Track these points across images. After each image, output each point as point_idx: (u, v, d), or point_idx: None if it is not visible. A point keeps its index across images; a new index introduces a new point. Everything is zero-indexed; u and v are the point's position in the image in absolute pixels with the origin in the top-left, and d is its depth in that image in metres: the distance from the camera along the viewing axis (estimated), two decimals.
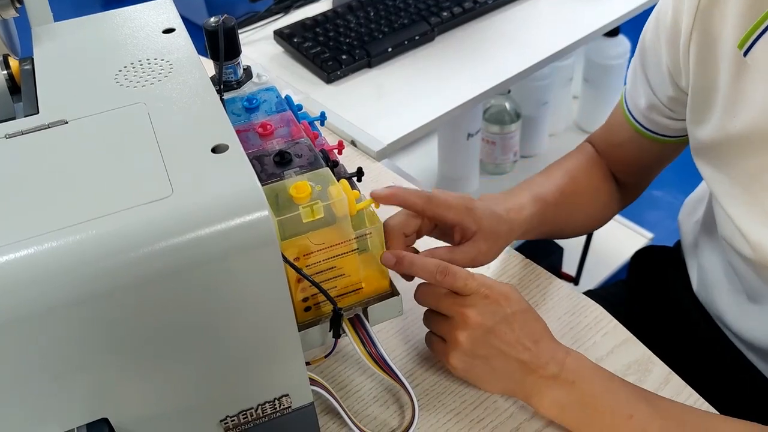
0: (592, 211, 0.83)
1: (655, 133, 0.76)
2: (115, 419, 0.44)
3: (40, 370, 0.40)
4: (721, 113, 0.63)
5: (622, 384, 0.59)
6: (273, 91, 0.65)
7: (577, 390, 0.58)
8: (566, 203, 0.77)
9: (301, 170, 0.58)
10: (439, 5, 1.16)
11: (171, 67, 0.52)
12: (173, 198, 0.40)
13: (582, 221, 0.83)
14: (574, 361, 0.59)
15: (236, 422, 0.49)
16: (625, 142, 0.80)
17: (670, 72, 0.68)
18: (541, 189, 0.75)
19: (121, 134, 0.46)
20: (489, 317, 0.58)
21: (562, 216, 0.77)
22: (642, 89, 0.74)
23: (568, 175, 0.79)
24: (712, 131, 0.64)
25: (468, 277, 0.59)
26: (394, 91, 1.04)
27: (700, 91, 0.65)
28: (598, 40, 1.55)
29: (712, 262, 0.78)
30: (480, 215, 0.66)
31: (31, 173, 0.43)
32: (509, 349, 0.58)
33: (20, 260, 0.37)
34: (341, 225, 0.56)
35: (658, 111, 0.74)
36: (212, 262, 0.40)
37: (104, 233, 0.38)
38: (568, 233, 0.84)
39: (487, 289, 0.59)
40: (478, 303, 0.59)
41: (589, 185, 0.81)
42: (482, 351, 0.59)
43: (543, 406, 0.59)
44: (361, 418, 0.62)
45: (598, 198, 0.83)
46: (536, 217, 0.72)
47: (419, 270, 0.60)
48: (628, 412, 0.57)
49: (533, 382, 0.59)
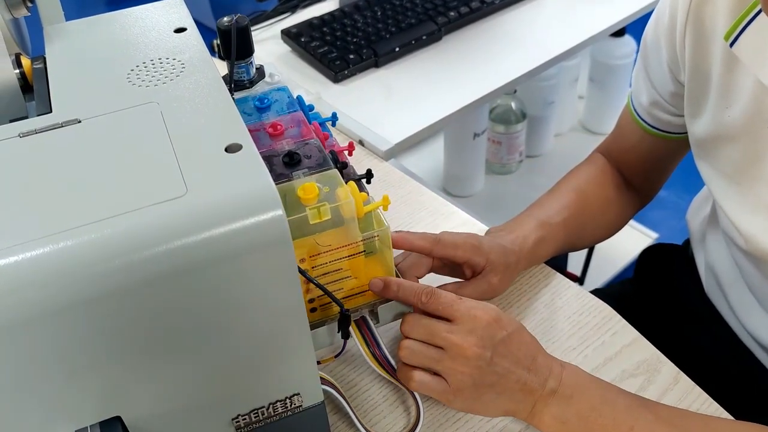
0: (604, 222, 0.83)
1: (661, 130, 0.78)
2: (128, 417, 0.44)
3: (54, 368, 0.40)
4: (714, 106, 0.64)
5: (620, 393, 0.59)
6: (285, 91, 0.65)
7: (576, 403, 0.58)
8: (575, 221, 0.77)
9: (309, 171, 0.58)
10: (446, 5, 1.16)
11: (183, 67, 0.52)
12: (188, 197, 0.40)
13: (594, 234, 0.84)
14: (570, 374, 0.59)
15: (247, 421, 0.49)
16: (636, 144, 0.81)
17: (670, 68, 0.70)
18: (546, 212, 0.76)
19: (134, 133, 0.46)
20: (487, 345, 0.57)
21: (571, 234, 0.77)
22: (644, 86, 0.76)
23: (577, 190, 0.80)
24: (707, 124, 0.66)
25: (455, 301, 0.58)
26: (401, 90, 1.04)
27: (696, 85, 0.66)
28: (604, 41, 1.55)
29: (719, 259, 0.78)
30: (487, 250, 0.67)
31: (45, 172, 0.43)
32: (510, 373, 0.57)
33: (35, 259, 0.37)
34: (348, 227, 0.56)
35: (660, 107, 0.75)
36: (227, 261, 0.40)
37: (119, 232, 0.38)
38: (581, 246, 0.84)
39: (477, 310, 0.58)
40: (473, 330, 0.57)
41: (599, 197, 0.81)
42: (487, 379, 0.57)
43: (544, 423, 0.58)
44: (369, 418, 0.62)
45: (610, 209, 0.83)
46: (543, 244, 0.73)
47: (405, 292, 0.59)
48: (630, 423, 0.56)
49: (534, 401, 0.58)
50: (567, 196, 0.79)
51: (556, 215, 0.75)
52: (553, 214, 0.75)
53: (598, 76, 1.63)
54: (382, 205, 0.58)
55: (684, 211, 0.91)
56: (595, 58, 1.61)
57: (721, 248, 0.78)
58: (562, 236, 0.75)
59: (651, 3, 1.24)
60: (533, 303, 0.72)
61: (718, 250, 0.78)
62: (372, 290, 0.60)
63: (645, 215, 1.94)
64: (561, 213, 0.76)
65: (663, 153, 0.81)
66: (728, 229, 0.68)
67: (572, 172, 0.84)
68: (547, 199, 0.79)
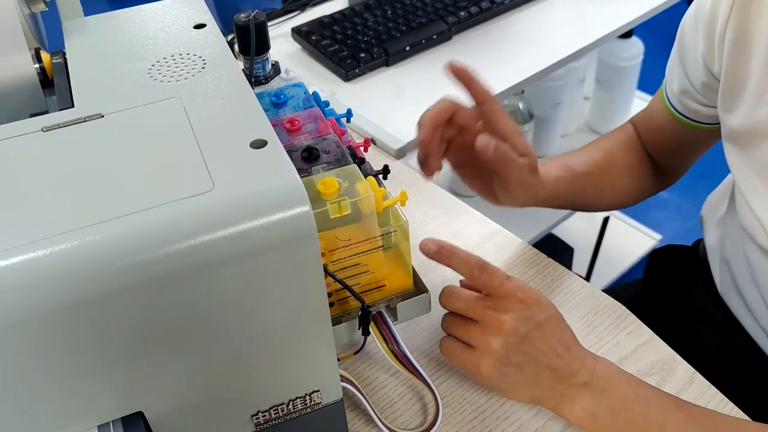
0: (623, 188, 0.85)
1: (688, 118, 0.78)
2: (150, 413, 0.44)
3: (78, 363, 0.40)
4: (751, 101, 0.64)
5: (651, 390, 0.59)
6: (301, 87, 0.65)
7: (609, 397, 0.57)
8: (596, 176, 0.80)
9: (328, 166, 0.58)
10: (456, 5, 1.16)
11: (204, 63, 0.52)
12: (215, 192, 0.40)
13: (612, 196, 0.85)
14: (603, 368, 0.59)
15: (267, 417, 0.49)
16: (662, 127, 0.82)
17: (705, 59, 0.70)
18: (572, 160, 0.78)
19: (158, 128, 0.46)
20: (523, 323, 0.57)
21: (590, 188, 0.80)
22: (677, 74, 0.76)
23: (604, 151, 0.82)
24: (742, 119, 0.66)
25: (504, 278, 0.58)
26: (411, 89, 1.04)
27: (732, 79, 0.66)
28: (612, 42, 1.55)
29: (737, 256, 0.78)
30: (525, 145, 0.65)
31: (70, 166, 0.43)
32: (542, 357, 0.57)
33: (62, 253, 0.37)
34: (367, 222, 0.56)
35: (691, 96, 0.76)
36: (253, 257, 0.40)
37: (149, 226, 0.38)
38: (595, 206, 0.86)
39: (523, 293, 0.58)
40: (512, 308, 0.57)
41: (623, 162, 0.83)
42: (516, 358, 0.57)
43: (574, 415, 0.58)
44: (386, 415, 0.62)
45: (631, 176, 0.85)
46: (563, 183, 0.74)
47: (459, 262, 0.59)
48: (661, 421, 0.56)
49: (564, 391, 0.58)
50: (594, 152, 0.82)
51: (581, 165, 0.78)
52: (578, 163, 0.78)
53: (604, 77, 1.63)
54: (400, 200, 0.58)
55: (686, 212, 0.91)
56: (602, 59, 1.61)
57: (739, 247, 0.77)
58: (582, 186, 0.78)
59: (660, 5, 1.24)
60: None
61: (735, 247, 0.78)
62: (422, 250, 0.59)
63: (648, 216, 1.95)
64: (585, 164, 0.79)
65: (687, 140, 0.82)
66: (752, 226, 0.68)
67: (603, 136, 0.87)
68: (576, 153, 0.82)
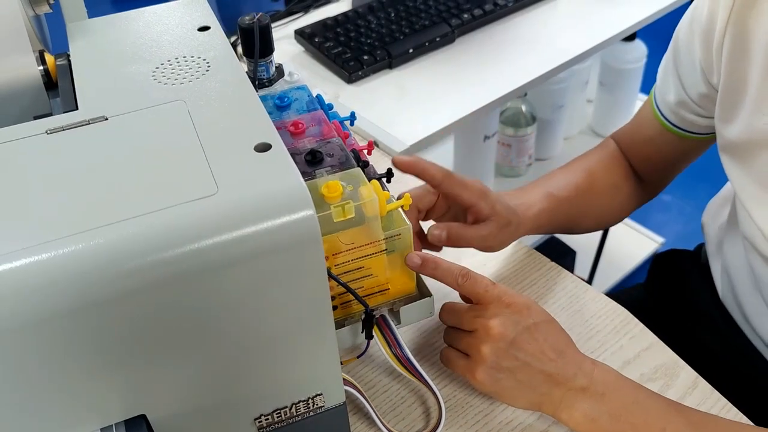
0: (608, 208, 0.84)
1: (682, 130, 0.77)
2: (153, 416, 0.44)
3: (82, 365, 0.40)
4: (750, 112, 0.64)
5: (651, 395, 0.58)
6: (304, 90, 0.65)
7: (608, 402, 0.57)
8: (580, 200, 0.78)
9: (332, 170, 0.58)
10: (459, 7, 1.16)
11: (208, 65, 0.52)
12: (219, 196, 0.40)
13: (596, 218, 0.84)
14: (602, 372, 0.59)
15: (270, 421, 0.49)
16: (651, 139, 0.81)
17: (703, 69, 0.69)
18: (555, 185, 0.77)
19: (162, 131, 0.46)
20: (510, 327, 0.58)
21: (574, 212, 0.79)
22: (672, 85, 0.75)
23: (587, 171, 0.81)
24: (740, 129, 0.65)
25: (489, 285, 0.59)
26: (414, 91, 1.04)
27: (731, 89, 0.65)
28: (615, 45, 1.55)
29: (737, 265, 0.78)
30: (494, 200, 0.68)
31: (74, 169, 0.43)
32: (533, 361, 0.58)
33: (66, 256, 0.37)
34: (371, 225, 0.56)
35: (687, 107, 0.74)
36: (257, 260, 0.40)
37: (154, 228, 0.38)
38: (581, 229, 0.85)
39: (509, 297, 0.59)
40: (499, 313, 0.58)
41: (606, 183, 0.82)
42: (506, 363, 0.58)
43: (573, 420, 0.58)
44: (389, 419, 0.62)
45: (616, 196, 0.84)
46: (546, 214, 0.74)
47: (443, 272, 0.60)
48: (661, 425, 0.56)
49: (561, 395, 0.58)
50: (577, 174, 0.80)
51: (564, 190, 0.77)
52: (561, 188, 0.77)
53: (607, 80, 1.63)
54: (404, 204, 0.58)
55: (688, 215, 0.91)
56: (605, 62, 1.61)
57: (739, 254, 0.77)
58: (566, 212, 0.77)
59: (664, 8, 1.24)
60: (550, 307, 0.72)
61: (735, 255, 0.78)
62: (408, 264, 0.60)
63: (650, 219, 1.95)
64: (568, 189, 0.77)
65: (679, 151, 0.80)
66: (753, 235, 0.67)
67: (584, 155, 0.85)
68: (557, 174, 0.81)
